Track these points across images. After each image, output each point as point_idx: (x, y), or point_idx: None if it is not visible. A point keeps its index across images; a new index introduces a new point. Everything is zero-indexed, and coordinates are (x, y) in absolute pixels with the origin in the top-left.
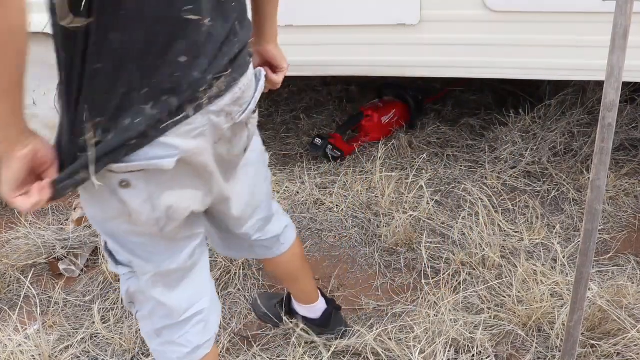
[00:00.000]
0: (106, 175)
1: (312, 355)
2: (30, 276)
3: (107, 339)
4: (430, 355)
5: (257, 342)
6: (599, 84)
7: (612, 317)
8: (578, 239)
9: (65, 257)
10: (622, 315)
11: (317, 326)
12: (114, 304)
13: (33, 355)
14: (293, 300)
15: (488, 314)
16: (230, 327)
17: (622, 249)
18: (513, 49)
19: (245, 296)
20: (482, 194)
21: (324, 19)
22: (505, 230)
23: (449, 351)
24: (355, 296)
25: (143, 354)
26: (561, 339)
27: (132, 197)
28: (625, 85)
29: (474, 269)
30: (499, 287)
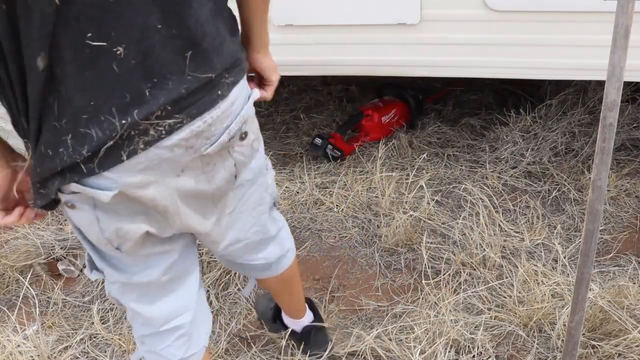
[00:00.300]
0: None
1: (312, 356)
2: (29, 277)
3: (106, 339)
4: (431, 355)
5: (256, 343)
6: (600, 84)
7: (613, 317)
8: (579, 239)
9: (64, 258)
10: (623, 316)
11: (298, 340)
12: (113, 304)
13: (32, 356)
14: (282, 310)
15: (489, 314)
16: (230, 327)
17: (623, 249)
18: (514, 49)
19: (245, 296)
20: (483, 194)
21: (323, 18)
22: (505, 231)
23: (449, 352)
24: (355, 296)
25: None
26: (562, 340)
27: (78, 218)
28: (627, 84)
29: (475, 269)
30: (499, 288)
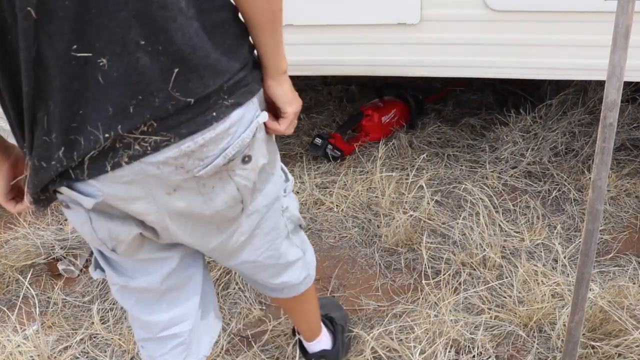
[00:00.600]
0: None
1: None
2: (29, 276)
3: (106, 339)
4: (431, 355)
5: (256, 342)
6: (600, 84)
7: (613, 317)
8: (579, 239)
9: (64, 258)
10: (623, 316)
11: (335, 355)
12: (113, 304)
13: (32, 356)
14: (302, 340)
15: (489, 314)
16: (230, 327)
17: (623, 249)
18: (514, 49)
19: (246, 296)
20: (483, 194)
21: (323, 18)
22: (506, 231)
23: (449, 352)
24: (355, 296)
25: None
26: (562, 340)
27: (72, 218)
28: (627, 84)
29: (475, 270)
30: (499, 288)
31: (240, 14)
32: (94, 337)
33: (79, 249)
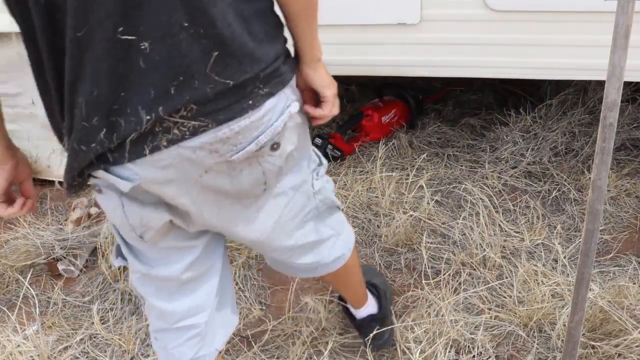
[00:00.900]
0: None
1: (312, 354)
2: (29, 277)
3: (106, 339)
4: (431, 355)
5: (256, 342)
6: (600, 84)
7: (613, 317)
8: (579, 239)
9: (64, 258)
10: (623, 316)
11: (382, 318)
12: (113, 304)
13: (32, 356)
14: (350, 307)
15: (489, 314)
16: None
17: (623, 249)
18: (514, 49)
19: (246, 296)
20: (483, 194)
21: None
22: (506, 231)
23: (449, 352)
24: None
25: (142, 355)
26: (562, 340)
27: (104, 202)
28: (627, 84)
29: (475, 270)
30: (499, 288)
31: (276, 5)
32: (94, 337)
33: (79, 249)
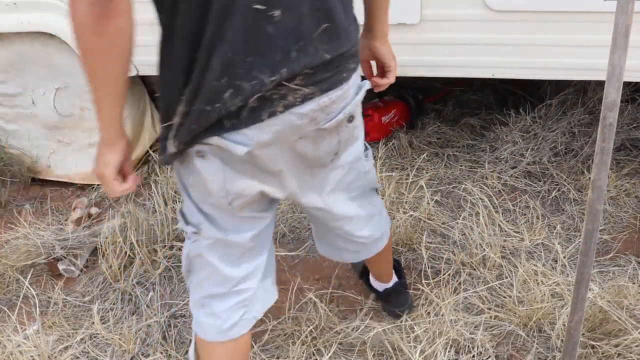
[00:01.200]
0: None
1: (312, 354)
2: (29, 276)
3: (106, 339)
4: (431, 355)
5: (256, 342)
6: (600, 84)
7: (612, 317)
8: (579, 239)
9: (65, 258)
10: (622, 316)
11: (380, 300)
12: (114, 304)
13: (32, 356)
14: (375, 282)
15: (488, 314)
16: None
17: (623, 249)
18: (513, 49)
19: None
20: (483, 194)
21: None
22: (505, 231)
23: (449, 351)
24: (355, 296)
25: (142, 354)
26: (562, 340)
27: (205, 168)
28: (626, 84)
29: (475, 269)
30: (499, 288)
31: None
32: (94, 337)
33: (79, 249)
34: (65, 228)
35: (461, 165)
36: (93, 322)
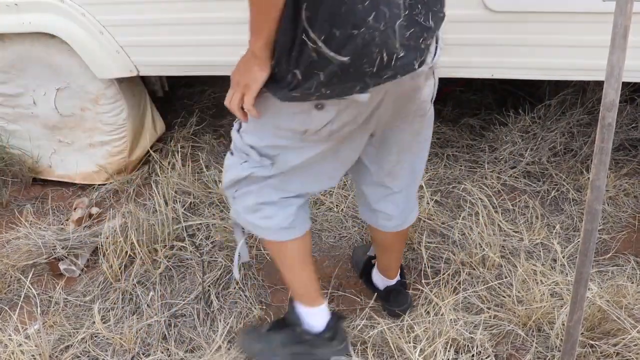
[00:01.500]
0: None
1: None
2: (30, 276)
3: (107, 338)
4: (430, 355)
5: None
6: (599, 84)
7: (611, 317)
8: (578, 239)
9: (66, 257)
10: (621, 315)
11: (379, 298)
12: (114, 303)
13: (33, 355)
14: (375, 266)
15: (488, 313)
16: (230, 326)
17: (621, 249)
18: (513, 49)
19: (246, 296)
20: (482, 194)
21: None
22: (505, 230)
23: (449, 351)
24: (355, 296)
25: (143, 354)
26: (561, 339)
27: (321, 118)
28: (625, 85)
29: (474, 269)
30: (498, 287)
31: None
32: (95, 337)
33: (80, 249)
34: (66, 228)
35: (461, 165)
36: (94, 322)
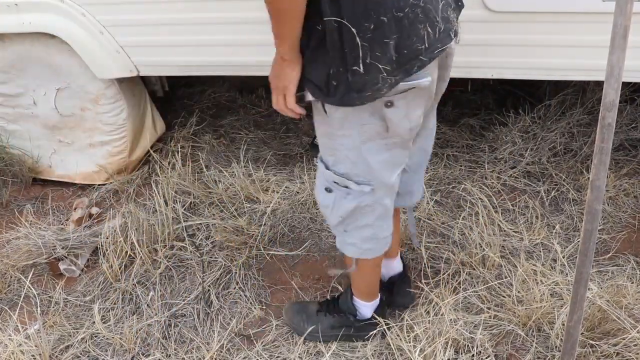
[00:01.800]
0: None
1: (313, 354)
2: (30, 276)
3: (107, 338)
4: (430, 354)
5: (257, 341)
6: (599, 84)
7: (611, 317)
8: (578, 239)
9: (66, 257)
10: (621, 315)
11: (383, 287)
12: (114, 303)
13: (33, 355)
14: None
15: (488, 313)
16: (230, 326)
17: (621, 249)
18: (513, 49)
19: (246, 296)
20: (482, 194)
21: None
22: (505, 230)
23: (448, 351)
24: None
25: (143, 354)
26: (561, 339)
27: (394, 115)
28: (625, 85)
29: (474, 269)
30: (498, 287)
31: None
32: (95, 337)
33: (80, 249)
34: (66, 228)
35: (461, 166)
36: (94, 322)
